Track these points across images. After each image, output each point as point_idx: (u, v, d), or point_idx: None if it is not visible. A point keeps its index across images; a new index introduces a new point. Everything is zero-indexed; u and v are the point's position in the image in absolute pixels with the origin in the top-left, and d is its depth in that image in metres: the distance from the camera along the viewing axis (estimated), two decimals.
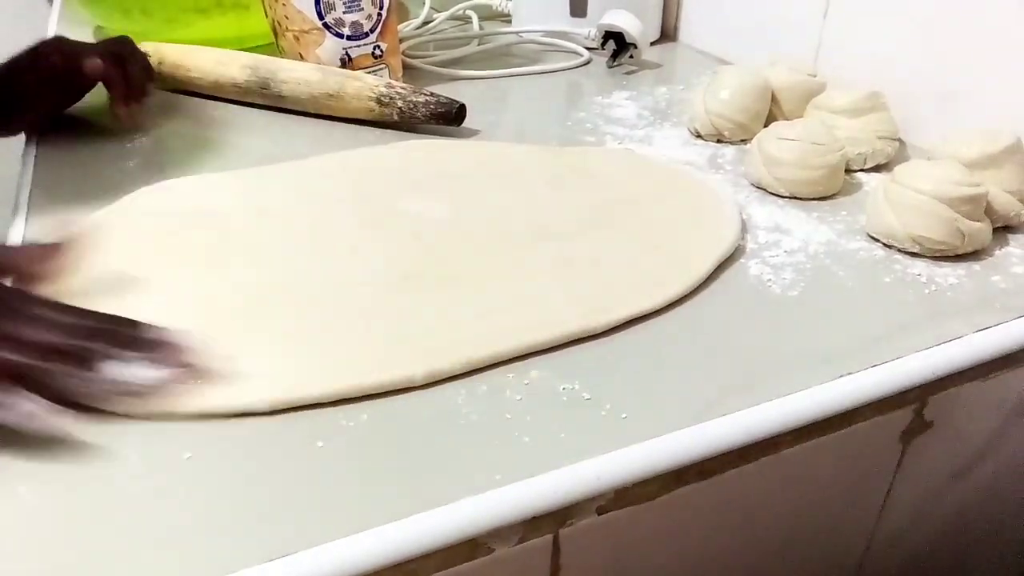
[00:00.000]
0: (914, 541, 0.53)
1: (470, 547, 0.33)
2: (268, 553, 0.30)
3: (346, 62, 0.75)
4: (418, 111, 0.69)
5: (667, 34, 0.99)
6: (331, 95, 0.70)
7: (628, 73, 0.86)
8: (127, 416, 0.37)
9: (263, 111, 0.74)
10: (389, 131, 0.70)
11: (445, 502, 0.33)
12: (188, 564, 0.30)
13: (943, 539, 0.55)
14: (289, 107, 0.72)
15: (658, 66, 0.89)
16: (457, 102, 0.69)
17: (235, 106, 0.75)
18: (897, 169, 0.53)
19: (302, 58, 0.73)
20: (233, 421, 0.37)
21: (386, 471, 0.35)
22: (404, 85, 0.71)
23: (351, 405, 0.38)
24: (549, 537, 0.35)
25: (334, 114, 0.71)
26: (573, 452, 0.35)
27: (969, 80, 0.61)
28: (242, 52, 0.75)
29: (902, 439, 0.45)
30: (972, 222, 0.50)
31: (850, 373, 0.41)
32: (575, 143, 0.68)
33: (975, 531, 0.57)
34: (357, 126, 0.71)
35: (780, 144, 0.58)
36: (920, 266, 0.50)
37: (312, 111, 0.72)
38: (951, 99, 0.63)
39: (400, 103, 0.69)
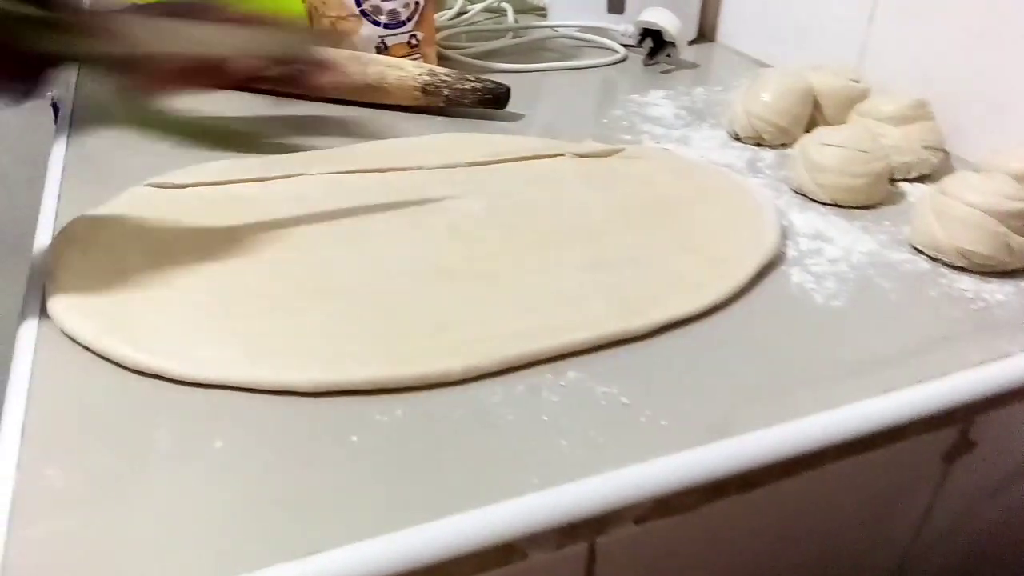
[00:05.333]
0: (947, 557, 0.52)
1: (505, 552, 0.32)
2: (295, 551, 0.30)
3: (381, 50, 0.74)
4: (465, 98, 0.69)
5: (704, 34, 0.97)
6: (372, 86, 0.69)
7: (664, 72, 0.85)
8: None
9: (293, 99, 0.72)
10: (424, 117, 0.70)
11: (481, 504, 0.32)
12: (214, 559, 0.29)
13: (975, 555, 0.54)
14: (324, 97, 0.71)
15: (695, 66, 0.87)
16: (503, 85, 0.70)
17: (262, 95, 0.73)
18: (945, 180, 0.51)
19: None
20: (268, 406, 0.36)
21: (420, 470, 0.34)
22: (448, 72, 0.70)
23: (386, 396, 0.37)
24: (585, 545, 0.34)
25: (373, 102, 0.70)
26: (612, 459, 0.34)
27: (1019, 91, 0.60)
28: None
29: (945, 459, 0.44)
30: (1022, 237, 0.49)
31: (896, 389, 0.40)
32: (611, 141, 0.66)
33: (1008, 546, 0.56)
34: (393, 112, 0.70)
35: (824, 150, 0.56)
36: (966, 281, 0.49)
37: (350, 100, 0.71)
38: (999, 110, 0.62)
39: (447, 91, 0.69)
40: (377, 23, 0.72)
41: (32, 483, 0.32)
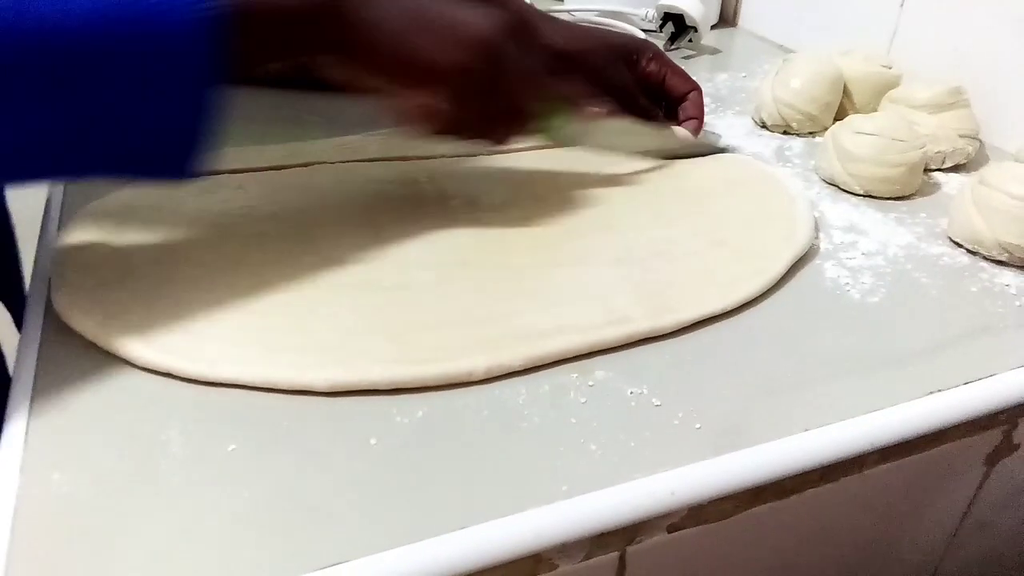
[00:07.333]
0: (983, 558, 0.50)
1: (533, 562, 0.30)
2: (310, 563, 0.28)
3: None
4: None
5: (726, 18, 0.95)
6: None
7: (686, 58, 0.83)
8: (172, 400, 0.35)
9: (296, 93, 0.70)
10: None
11: (508, 513, 0.30)
12: (226, 569, 0.28)
13: (1012, 554, 0.52)
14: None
15: (717, 51, 0.85)
16: None
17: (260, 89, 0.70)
18: (986, 171, 0.49)
19: None
20: (283, 406, 0.35)
21: (442, 476, 0.32)
22: None
23: (407, 396, 0.36)
24: (616, 555, 0.32)
25: None
26: (645, 464, 0.33)
27: None
28: None
29: (987, 461, 0.42)
30: None
31: (940, 391, 0.38)
32: None
33: None
34: None
35: (857, 139, 0.54)
36: (1008, 275, 0.47)
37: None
38: None
39: None
40: None
41: (37, 488, 0.31)
